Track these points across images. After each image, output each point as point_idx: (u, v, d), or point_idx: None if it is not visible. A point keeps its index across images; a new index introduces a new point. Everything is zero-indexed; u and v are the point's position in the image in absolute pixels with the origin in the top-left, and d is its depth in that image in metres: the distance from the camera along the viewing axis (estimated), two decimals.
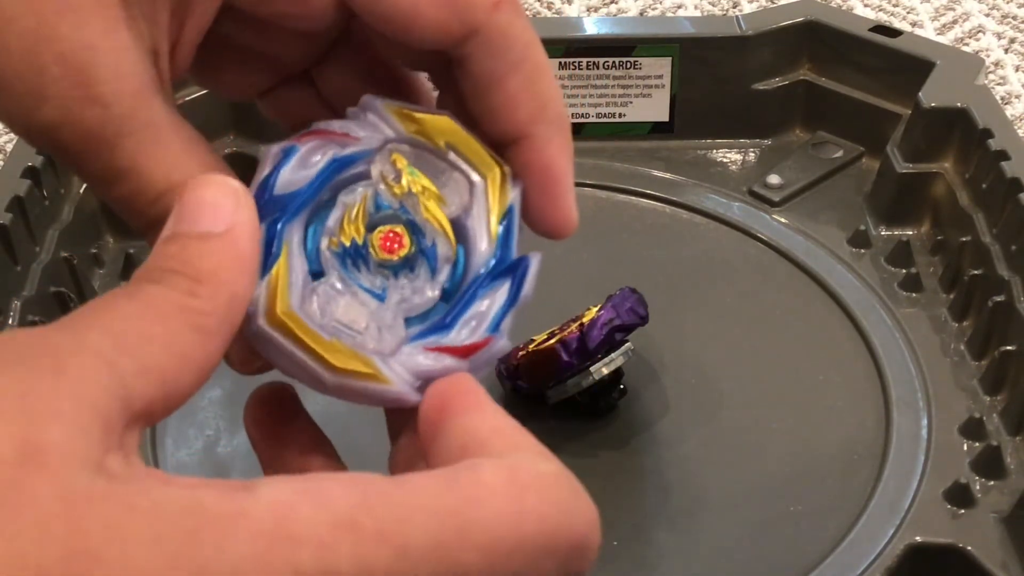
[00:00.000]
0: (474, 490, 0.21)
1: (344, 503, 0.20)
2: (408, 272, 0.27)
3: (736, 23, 0.67)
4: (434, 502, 0.20)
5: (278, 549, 0.19)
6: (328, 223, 0.26)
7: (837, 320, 0.56)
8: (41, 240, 0.55)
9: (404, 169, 0.27)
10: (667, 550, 0.46)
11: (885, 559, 0.44)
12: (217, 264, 0.23)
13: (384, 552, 0.20)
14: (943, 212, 0.60)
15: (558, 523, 0.21)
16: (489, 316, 0.27)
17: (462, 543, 0.20)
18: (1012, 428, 0.49)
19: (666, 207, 0.64)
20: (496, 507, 0.21)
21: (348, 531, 0.20)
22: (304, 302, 0.25)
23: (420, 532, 0.20)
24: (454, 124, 0.27)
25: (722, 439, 0.50)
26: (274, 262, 0.25)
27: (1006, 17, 0.87)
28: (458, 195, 0.27)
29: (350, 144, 0.26)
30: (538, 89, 0.27)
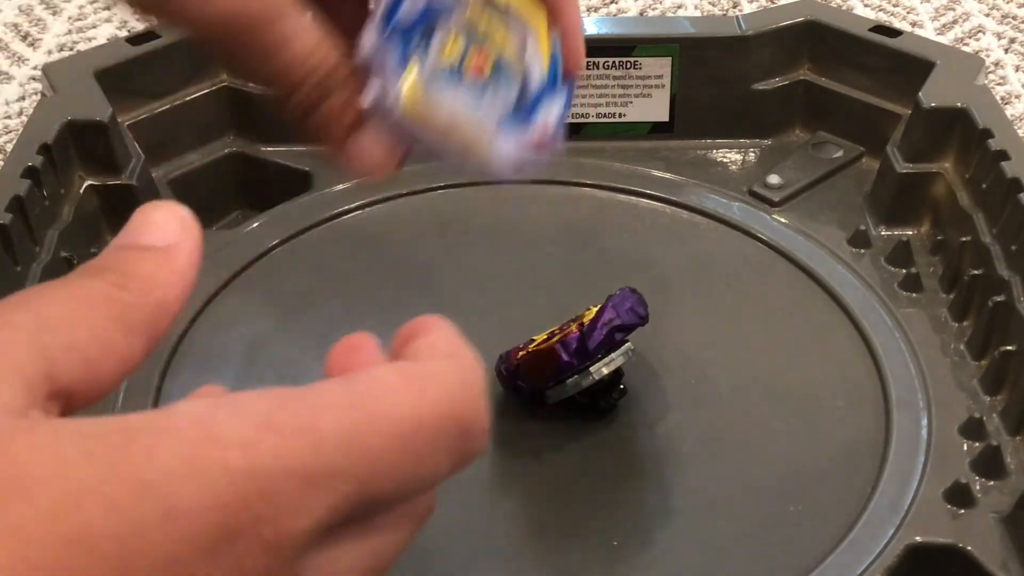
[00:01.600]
0: (373, 385, 0.23)
1: (260, 407, 0.22)
2: (494, 83, 0.35)
3: (736, 23, 0.67)
4: (340, 398, 0.23)
5: (205, 450, 0.21)
6: (434, 44, 0.34)
7: (837, 320, 0.56)
8: (41, 240, 0.55)
9: (480, 14, 0.36)
10: (667, 550, 0.46)
11: (885, 559, 0.44)
12: (152, 271, 0.25)
13: (302, 445, 0.22)
14: (943, 212, 0.60)
15: (447, 408, 0.24)
16: (553, 117, 0.37)
17: (369, 429, 0.22)
18: (1012, 428, 0.49)
19: (666, 207, 0.64)
20: (395, 397, 0.23)
21: (267, 430, 0.21)
22: (426, 96, 0.34)
23: (331, 425, 0.22)
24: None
25: (722, 439, 0.50)
26: (404, 66, 0.33)
27: (1006, 17, 0.87)
28: (518, 35, 0.36)
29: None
30: None
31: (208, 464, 0.21)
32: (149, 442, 0.21)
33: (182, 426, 0.21)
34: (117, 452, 0.20)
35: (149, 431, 0.21)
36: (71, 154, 0.59)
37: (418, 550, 0.46)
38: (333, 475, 0.22)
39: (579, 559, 0.46)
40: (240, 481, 0.21)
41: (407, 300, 0.58)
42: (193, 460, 0.21)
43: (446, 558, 0.45)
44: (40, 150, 0.56)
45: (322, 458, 0.22)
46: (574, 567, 0.45)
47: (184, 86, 0.67)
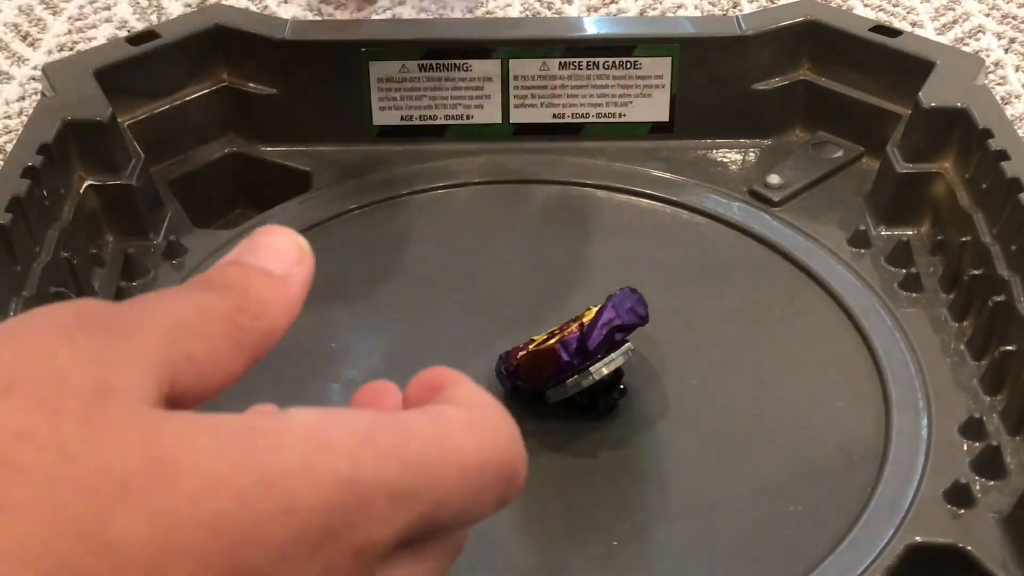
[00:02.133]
0: (448, 422, 0.26)
1: (360, 426, 0.24)
2: None
3: (736, 23, 0.67)
4: (425, 429, 0.25)
5: (320, 456, 0.23)
6: None
7: (837, 320, 0.56)
8: (41, 240, 0.55)
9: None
10: (667, 550, 0.46)
11: (885, 559, 0.44)
12: (268, 296, 0.27)
13: (394, 465, 0.24)
14: (943, 212, 0.60)
15: (505, 455, 0.27)
16: None
17: (446, 461, 0.25)
18: (1012, 428, 0.49)
19: (666, 207, 0.64)
20: (464, 436, 0.26)
21: (369, 447, 0.23)
22: None
23: (417, 451, 0.24)
24: None
25: (722, 439, 0.50)
26: None
27: (1006, 17, 0.87)
28: None
29: None
30: None
31: (322, 469, 0.23)
32: (272, 442, 0.23)
33: (300, 431, 0.23)
34: (245, 448, 0.22)
35: (272, 432, 0.23)
36: (71, 154, 0.59)
37: None
38: (414, 495, 0.24)
39: (579, 559, 0.46)
40: (345, 488, 0.23)
41: (407, 300, 0.58)
42: (310, 463, 0.23)
43: None
44: (40, 150, 0.56)
45: (408, 479, 0.24)
46: (574, 567, 0.45)
47: (184, 86, 0.67)
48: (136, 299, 0.25)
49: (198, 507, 0.21)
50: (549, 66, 0.67)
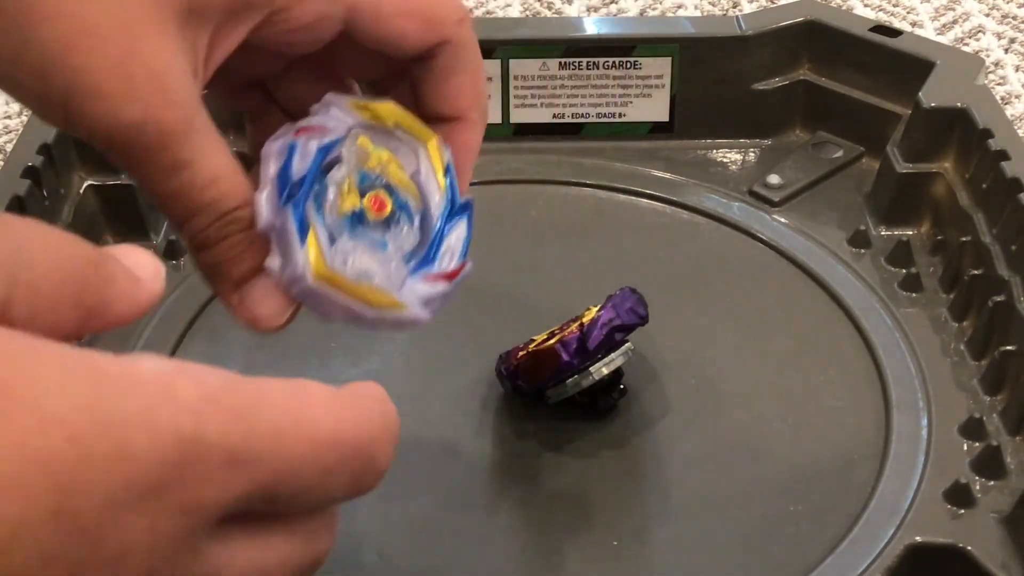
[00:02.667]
0: (306, 395, 0.26)
1: (214, 384, 0.24)
2: (396, 224, 0.34)
3: (736, 23, 0.67)
4: (278, 398, 0.25)
5: (166, 409, 0.23)
6: (329, 197, 0.33)
7: (837, 320, 0.56)
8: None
9: (370, 147, 0.34)
10: (667, 550, 0.46)
11: (885, 559, 0.44)
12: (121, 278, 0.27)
13: (239, 428, 0.24)
14: (943, 212, 0.60)
15: (364, 438, 0.26)
16: (458, 247, 0.35)
17: (295, 432, 0.25)
18: (1012, 428, 0.49)
19: (666, 207, 0.64)
20: (321, 410, 0.26)
21: (216, 407, 0.23)
22: (332, 259, 0.32)
23: (266, 418, 0.24)
24: (397, 107, 0.35)
25: (722, 439, 0.50)
26: (307, 233, 0.32)
27: (1006, 17, 0.87)
28: (409, 160, 0.35)
29: (327, 134, 0.34)
30: (478, 86, 0.37)
31: (163, 421, 0.23)
32: (120, 386, 0.22)
33: (148, 380, 0.23)
34: (88, 388, 0.22)
35: (118, 376, 0.23)
36: (71, 154, 0.59)
37: (419, 550, 0.46)
38: (256, 461, 0.24)
39: (579, 559, 0.46)
40: (184, 444, 0.23)
41: None
42: (151, 413, 0.22)
43: (446, 558, 0.45)
44: (40, 150, 0.56)
45: (250, 444, 0.24)
46: (574, 567, 0.45)
47: None
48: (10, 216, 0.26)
49: (28, 443, 0.21)
50: (549, 66, 0.67)
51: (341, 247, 0.33)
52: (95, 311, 0.26)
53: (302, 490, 0.25)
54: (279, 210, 0.32)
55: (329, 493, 0.26)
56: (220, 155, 0.32)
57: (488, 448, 0.50)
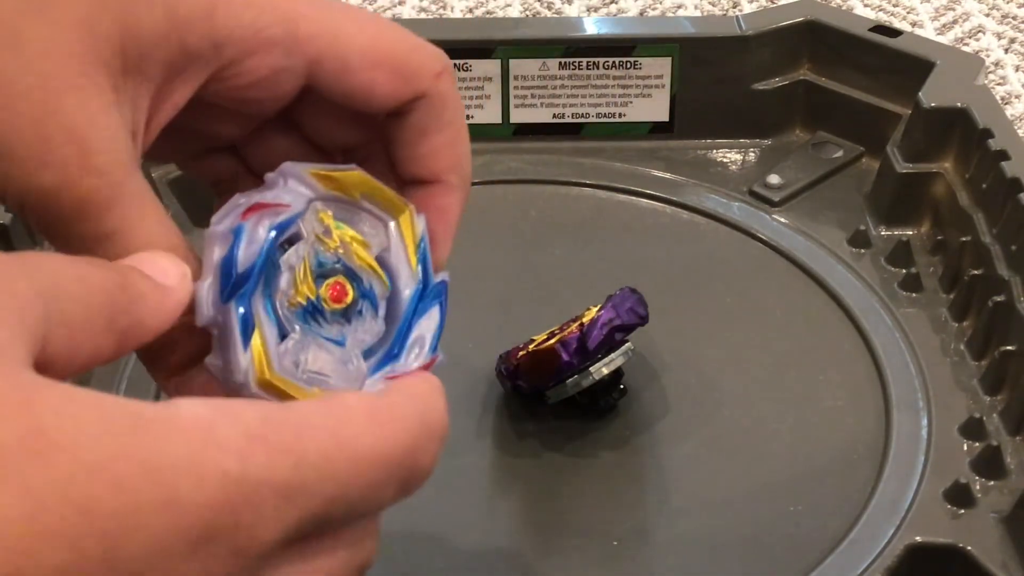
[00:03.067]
0: (345, 413, 0.25)
1: (253, 421, 0.23)
2: (357, 315, 0.31)
3: (736, 23, 0.67)
4: (319, 422, 0.24)
5: (209, 452, 0.22)
6: (281, 286, 0.29)
7: (837, 320, 0.56)
8: (41, 240, 0.55)
9: (331, 224, 0.31)
10: (667, 550, 0.46)
11: (885, 559, 0.44)
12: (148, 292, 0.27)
13: (286, 461, 0.23)
14: (943, 212, 0.60)
15: (406, 447, 0.26)
16: (428, 340, 0.31)
17: (340, 455, 0.24)
18: (1012, 428, 0.49)
19: (666, 207, 0.64)
20: (362, 427, 0.25)
21: (260, 443, 0.23)
22: (281, 361, 0.29)
23: (310, 446, 0.24)
24: (364, 176, 0.31)
25: (722, 439, 0.50)
26: (252, 333, 0.28)
27: (1006, 17, 0.87)
28: (377, 237, 0.32)
29: (282, 211, 0.30)
30: (458, 147, 0.33)
31: (208, 465, 0.22)
32: (159, 431, 0.22)
33: (187, 424, 0.22)
34: (129, 434, 0.21)
35: (158, 421, 0.22)
36: None
37: (419, 550, 0.46)
38: (306, 493, 0.24)
39: (579, 559, 0.46)
40: (231, 486, 0.22)
41: None
42: (195, 457, 0.22)
43: (447, 557, 0.45)
44: None
45: (300, 476, 0.23)
46: (574, 567, 0.45)
47: None
48: (24, 253, 0.24)
49: (72, 490, 0.20)
50: (549, 66, 0.67)
51: (292, 346, 0.29)
52: (129, 332, 0.26)
53: (351, 508, 0.25)
54: (220, 306, 0.28)
55: (377, 504, 0.26)
56: (155, 225, 0.29)
57: (488, 448, 0.50)
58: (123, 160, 0.28)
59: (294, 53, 0.31)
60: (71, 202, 0.27)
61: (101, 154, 0.28)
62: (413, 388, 0.28)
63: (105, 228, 0.28)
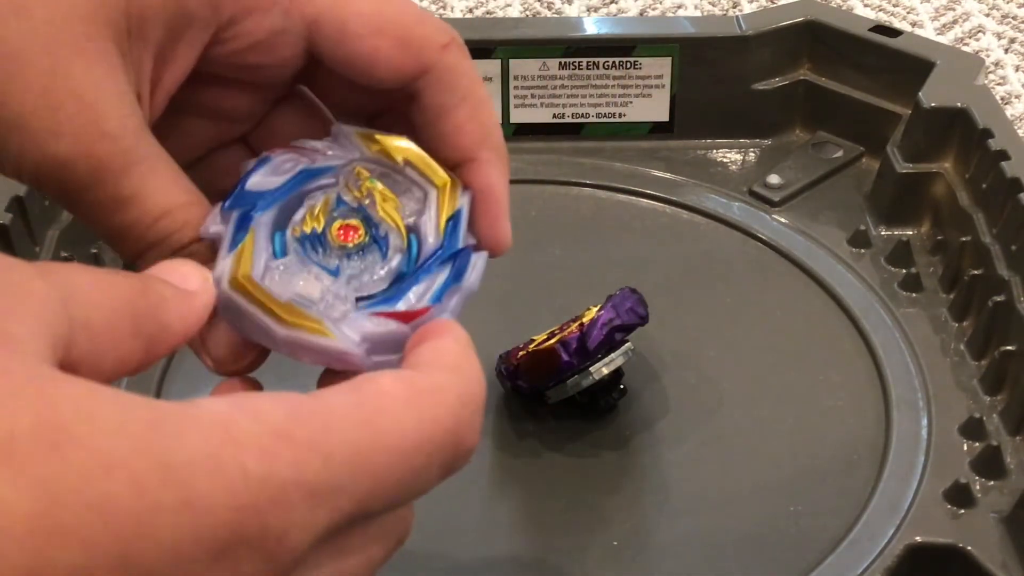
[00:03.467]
0: (379, 400, 0.24)
1: (277, 416, 0.22)
2: (360, 255, 0.30)
3: (736, 23, 0.67)
4: (350, 413, 0.23)
5: (228, 449, 0.21)
6: (294, 218, 0.29)
7: (837, 320, 0.56)
8: (41, 240, 0.55)
9: (365, 177, 0.30)
10: (667, 550, 0.46)
11: (885, 559, 0.44)
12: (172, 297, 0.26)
13: (315, 459, 0.22)
14: (943, 212, 0.60)
15: (448, 426, 0.24)
16: (432, 289, 0.30)
17: (374, 447, 0.23)
18: (1012, 428, 0.49)
19: (666, 207, 0.64)
20: (399, 413, 0.24)
21: (285, 440, 0.22)
22: (265, 276, 0.28)
23: (341, 441, 0.22)
24: (409, 144, 0.31)
25: (722, 439, 0.50)
26: (241, 240, 0.28)
27: (1006, 17, 0.87)
28: (414, 203, 0.31)
29: (320, 159, 0.30)
30: (481, 119, 0.32)
31: (228, 464, 0.21)
32: (179, 428, 0.21)
33: (207, 421, 0.21)
34: (148, 432, 0.20)
35: (176, 418, 0.21)
36: None
37: (419, 550, 0.46)
38: (339, 491, 0.22)
39: (579, 559, 0.46)
40: (255, 486, 0.21)
41: None
42: (215, 457, 0.21)
43: (447, 557, 0.45)
44: None
45: (331, 474, 0.22)
46: (574, 567, 0.45)
47: None
48: (44, 262, 0.24)
49: (87, 486, 0.19)
50: (549, 66, 0.67)
51: (283, 266, 0.29)
52: (156, 337, 0.25)
53: (390, 500, 0.24)
54: (222, 217, 0.29)
55: (419, 491, 0.25)
56: (171, 185, 0.28)
57: (488, 448, 0.50)
58: (134, 123, 0.28)
59: (292, 14, 0.30)
60: (87, 169, 0.27)
61: (112, 119, 0.27)
62: (446, 357, 0.26)
63: (123, 192, 0.28)
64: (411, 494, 0.25)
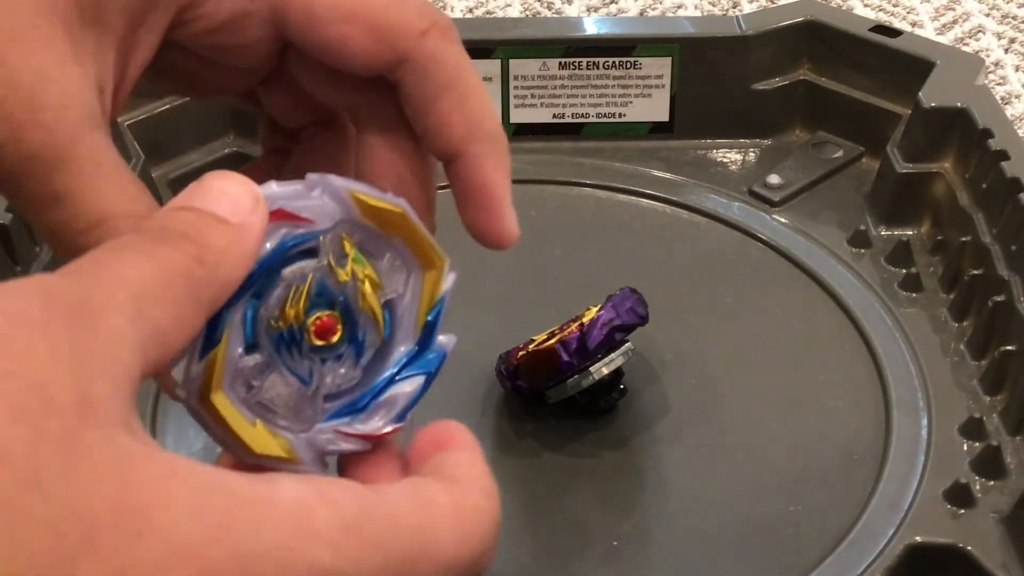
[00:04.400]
0: (432, 513, 0.24)
1: (349, 509, 0.22)
2: (335, 359, 0.28)
3: (736, 23, 0.67)
4: (410, 520, 0.24)
5: (302, 542, 0.21)
6: (270, 300, 0.27)
7: (837, 320, 0.56)
8: (41, 240, 0.55)
9: (351, 255, 0.28)
10: (667, 550, 0.46)
11: (885, 559, 0.44)
12: (226, 246, 0.24)
13: (376, 558, 0.22)
14: (943, 212, 0.60)
15: (482, 549, 0.25)
16: (399, 406, 0.28)
17: (423, 556, 0.23)
18: (1012, 428, 0.49)
19: (666, 207, 0.64)
20: (446, 531, 0.24)
21: (355, 535, 0.22)
22: (235, 379, 0.27)
23: (399, 544, 0.23)
24: (407, 217, 0.28)
25: (722, 439, 0.50)
26: (214, 346, 0.26)
27: (1006, 17, 0.87)
28: (396, 281, 0.29)
29: (303, 225, 0.27)
30: (469, 109, 0.30)
31: (302, 557, 0.21)
32: (255, 516, 0.21)
33: (284, 508, 0.22)
34: (223, 520, 0.21)
35: (255, 503, 0.21)
36: None
37: None
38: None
39: (579, 559, 0.46)
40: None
41: None
42: (289, 548, 0.21)
43: None
44: None
45: (387, 572, 0.23)
46: (574, 567, 0.45)
47: None
48: (94, 262, 0.23)
49: (163, 573, 0.20)
50: (549, 66, 0.67)
51: (253, 366, 0.27)
52: (216, 298, 0.24)
53: None
54: None
55: None
56: (112, 190, 0.27)
57: (488, 448, 0.50)
58: (76, 117, 0.26)
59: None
60: (17, 159, 0.26)
61: (49, 110, 0.26)
62: (480, 478, 0.26)
63: (54, 188, 0.26)
64: None
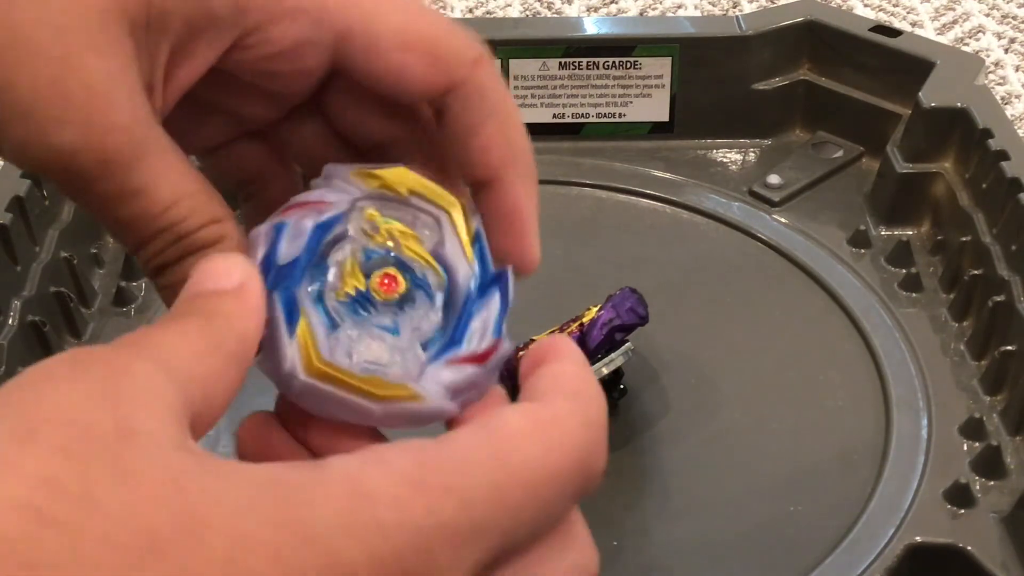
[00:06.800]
0: (510, 437, 0.24)
1: (405, 465, 0.22)
2: (411, 304, 0.29)
3: (736, 23, 0.67)
4: (481, 454, 0.23)
5: (359, 506, 0.21)
6: (329, 280, 0.28)
7: (837, 320, 0.56)
8: (41, 240, 0.55)
9: (379, 219, 0.29)
10: (667, 550, 0.46)
11: (885, 559, 0.44)
12: (231, 308, 0.26)
13: (451, 503, 0.22)
14: (943, 212, 0.60)
15: (575, 454, 0.25)
16: (490, 324, 0.30)
17: (510, 483, 0.23)
18: (1012, 428, 0.49)
19: (666, 207, 0.64)
20: (527, 449, 0.24)
21: (417, 487, 0.22)
22: (332, 353, 0.28)
23: (476, 482, 0.23)
24: (409, 172, 0.30)
25: (722, 439, 0.50)
26: (297, 324, 0.27)
27: (1006, 17, 0.87)
28: (430, 231, 0.30)
29: (325, 210, 0.29)
30: (510, 138, 0.31)
31: (362, 519, 0.21)
32: (306, 496, 0.21)
33: (335, 480, 0.22)
34: (279, 503, 0.21)
35: (305, 485, 0.22)
36: None
37: None
38: (481, 531, 0.23)
39: None
40: (393, 536, 0.21)
41: None
42: (347, 514, 0.21)
43: None
44: None
45: (471, 515, 0.22)
46: None
47: None
48: (124, 338, 0.24)
49: (230, 568, 0.20)
50: (549, 66, 0.67)
51: (343, 336, 0.28)
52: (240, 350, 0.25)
53: (533, 530, 0.24)
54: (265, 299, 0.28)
55: (558, 516, 0.25)
56: (181, 176, 0.28)
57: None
58: (144, 116, 0.27)
59: (322, 25, 0.29)
60: (94, 161, 0.27)
61: (123, 111, 0.27)
62: (565, 382, 0.26)
63: (131, 185, 0.27)
64: (551, 520, 0.25)
